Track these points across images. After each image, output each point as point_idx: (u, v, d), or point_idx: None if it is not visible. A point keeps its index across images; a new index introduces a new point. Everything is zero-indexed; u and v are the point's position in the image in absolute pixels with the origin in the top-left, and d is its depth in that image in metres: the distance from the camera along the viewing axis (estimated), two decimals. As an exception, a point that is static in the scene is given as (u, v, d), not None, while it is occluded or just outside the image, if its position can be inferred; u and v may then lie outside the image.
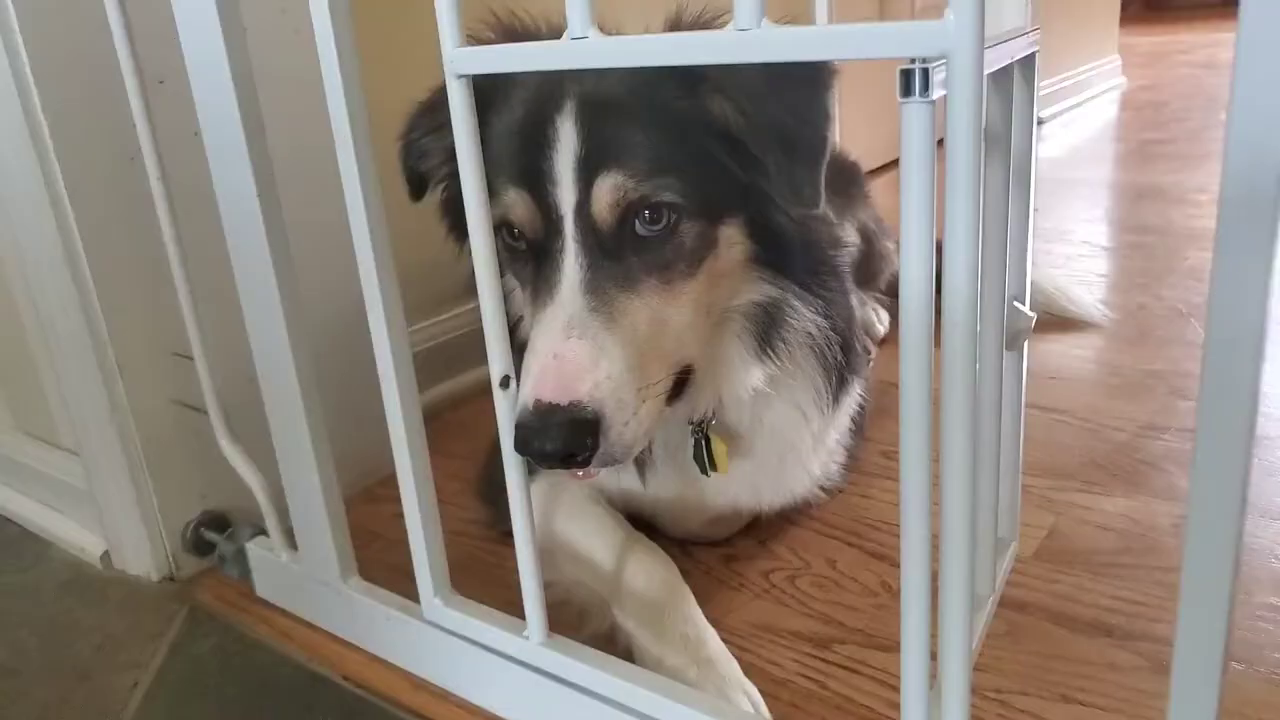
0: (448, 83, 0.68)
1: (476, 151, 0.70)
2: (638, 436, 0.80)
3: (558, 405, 0.76)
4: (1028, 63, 0.76)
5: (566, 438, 0.75)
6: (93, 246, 1.07)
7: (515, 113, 0.86)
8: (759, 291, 0.92)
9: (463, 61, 0.67)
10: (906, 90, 0.52)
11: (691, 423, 0.99)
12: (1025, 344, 0.85)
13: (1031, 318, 0.83)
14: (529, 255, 0.86)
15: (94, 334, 1.09)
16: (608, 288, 0.80)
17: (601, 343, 0.78)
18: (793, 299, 0.94)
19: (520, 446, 0.77)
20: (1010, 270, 0.80)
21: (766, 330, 0.94)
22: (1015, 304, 0.82)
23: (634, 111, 0.82)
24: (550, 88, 0.84)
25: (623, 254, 0.82)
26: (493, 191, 0.83)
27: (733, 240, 0.87)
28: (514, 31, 0.92)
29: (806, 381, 1.03)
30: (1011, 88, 0.73)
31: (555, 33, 0.93)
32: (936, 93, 0.52)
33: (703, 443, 1.00)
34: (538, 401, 0.76)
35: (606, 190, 0.80)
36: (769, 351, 0.95)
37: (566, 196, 0.81)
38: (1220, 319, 0.48)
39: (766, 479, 1.07)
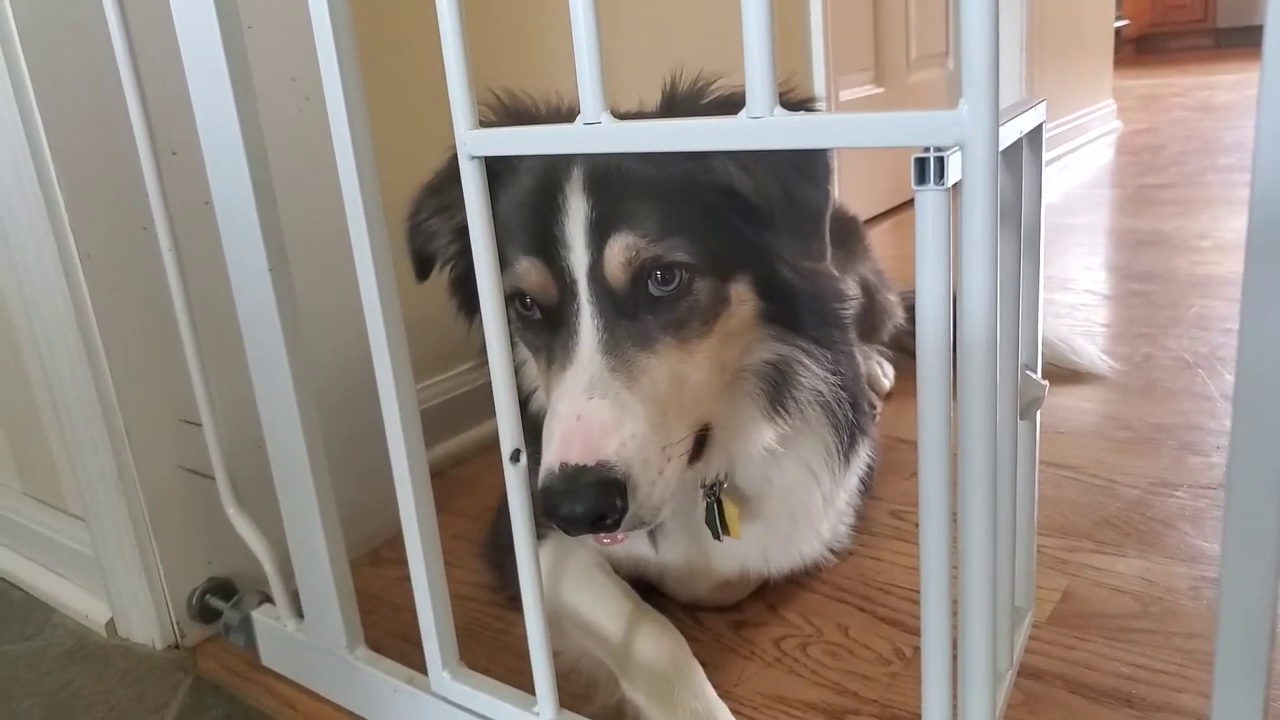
0: (461, 164, 0.69)
1: (490, 231, 0.71)
2: (665, 497, 0.79)
3: (584, 466, 0.75)
4: (1035, 135, 0.76)
5: (596, 499, 0.74)
6: (104, 314, 1.07)
7: (523, 183, 0.87)
8: (770, 350, 0.92)
9: (476, 143, 0.68)
10: (921, 178, 0.52)
11: (703, 485, 0.99)
12: (1038, 412, 0.85)
13: (1044, 386, 0.83)
14: (543, 323, 0.86)
15: (103, 400, 1.09)
16: (626, 347, 0.80)
17: (624, 402, 0.78)
18: (802, 356, 0.94)
19: (548, 511, 0.76)
20: (1022, 339, 0.80)
21: (778, 388, 0.94)
22: (1028, 373, 0.82)
23: (641, 175, 0.83)
24: (557, 157, 0.85)
25: (638, 314, 0.82)
26: (504, 261, 0.84)
27: (743, 297, 0.88)
28: (514, 112, 0.94)
29: (817, 441, 1.03)
30: (1021, 161, 0.74)
31: (554, 112, 0.95)
32: (951, 179, 0.52)
33: (714, 506, 0.99)
34: (563, 464, 0.75)
35: (619, 250, 0.81)
36: (780, 410, 0.95)
37: (579, 260, 0.81)
38: (1249, 365, 0.47)
39: (776, 542, 1.06)
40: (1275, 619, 0.53)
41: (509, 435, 0.76)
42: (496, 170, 0.86)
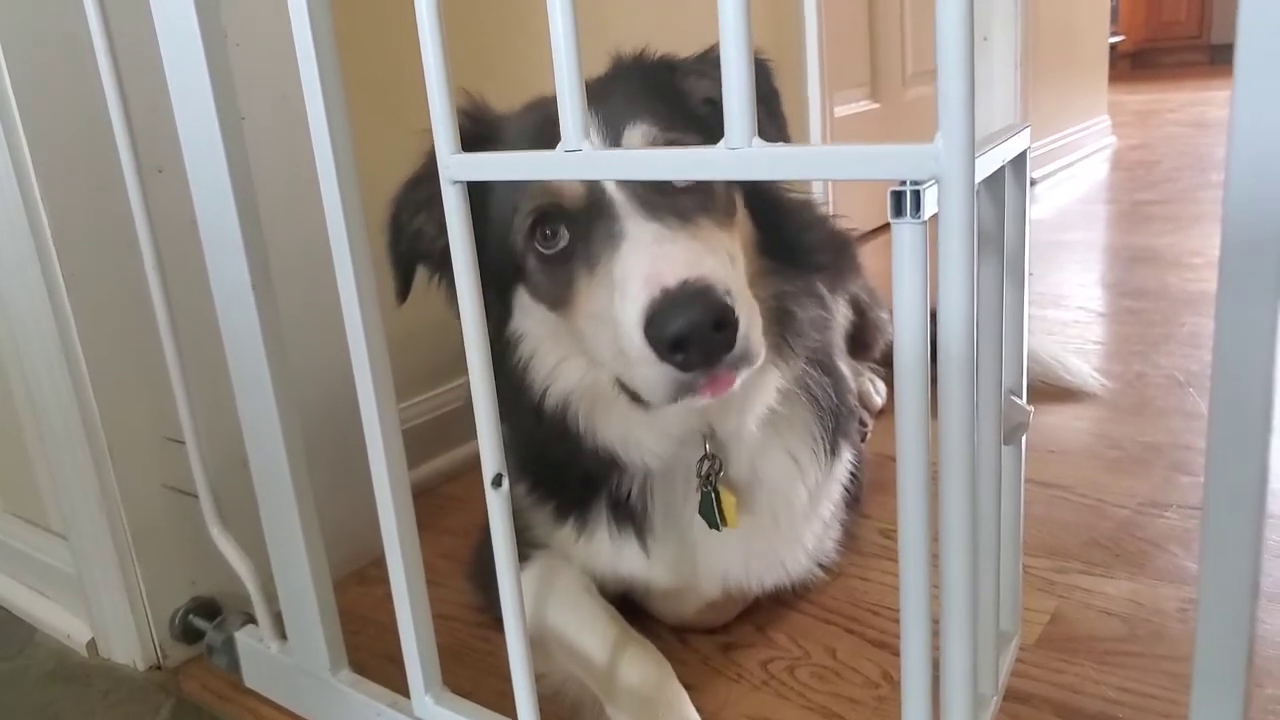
0: (443, 189, 0.69)
1: (473, 255, 0.70)
2: (761, 339, 0.80)
3: (688, 279, 0.73)
4: (1019, 161, 0.76)
5: (712, 301, 0.72)
6: (87, 331, 1.07)
7: (531, 117, 0.94)
8: (770, 286, 0.95)
9: (459, 168, 0.68)
10: (898, 211, 0.52)
11: (699, 476, 0.99)
12: (1024, 437, 0.84)
13: (1029, 411, 0.83)
14: (571, 246, 0.86)
15: (86, 418, 1.09)
16: (669, 219, 0.82)
17: (693, 247, 0.79)
18: (795, 290, 0.98)
19: (660, 335, 0.73)
20: (1006, 365, 0.80)
21: (781, 325, 0.97)
22: (1013, 398, 0.82)
23: (639, 90, 0.92)
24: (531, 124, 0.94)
25: (668, 194, 0.84)
26: (526, 186, 0.88)
27: (744, 214, 0.92)
28: (476, 117, 0.96)
29: (801, 427, 1.04)
30: (1003, 189, 0.73)
31: (518, 115, 0.98)
32: (928, 212, 0.52)
33: (712, 496, 0.99)
34: (664, 289, 0.73)
35: (638, 137, 0.86)
36: (787, 346, 0.97)
37: None
38: (1224, 388, 0.47)
39: (761, 544, 1.05)
40: (1253, 641, 0.53)
41: (490, 459, 0.76)
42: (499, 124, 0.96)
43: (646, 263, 0.77)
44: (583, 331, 0.87)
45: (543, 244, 0.87)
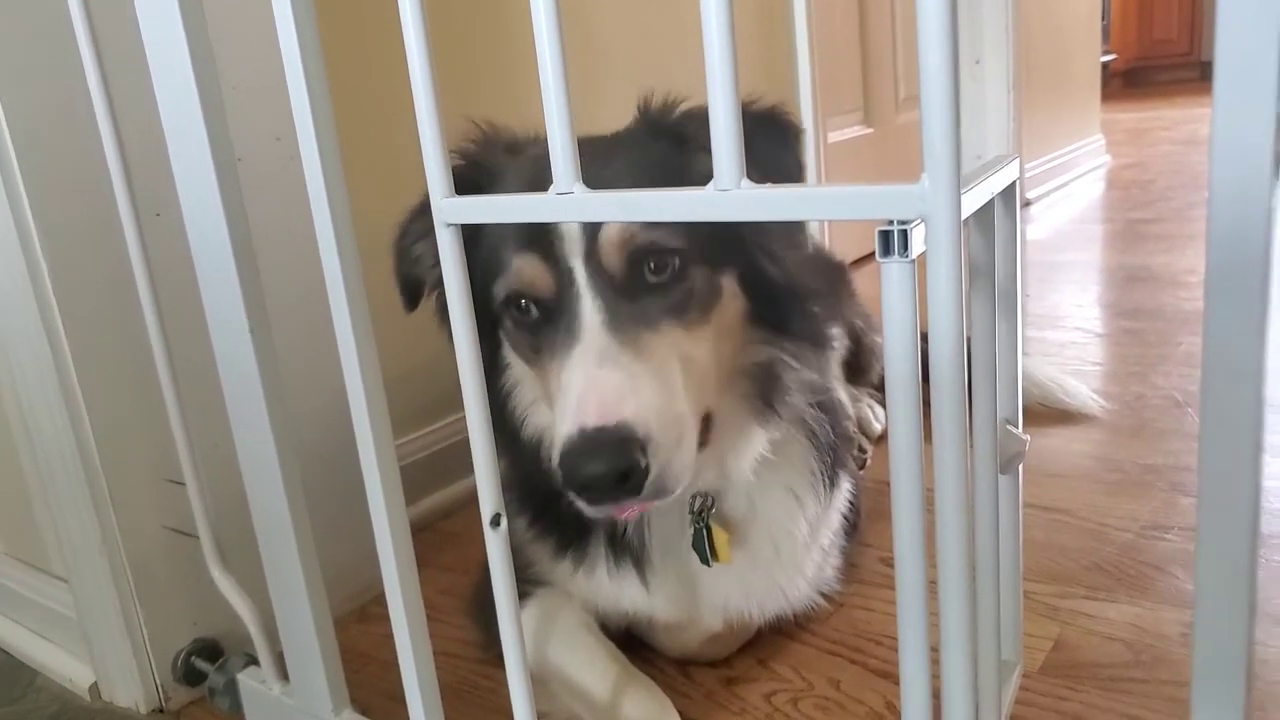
0: (437, 231, 0.69)
1: (468, 296, 0.71)
2: (685, 465, 0.79)
3: (605, 426, 0.74)
4: (1008, 192, 0.77)
5: (618, 455, 0.73)
6: (86, 374, 1.07)
7: (513, 189, 0.91)
8: (760, 353, 0.94)
9: (452, 211, 0.69)
10: (885, 250, 0.52)
11: (691, 512, 0.99)
12: (1020, 466, 0.84)
13: (1025, 440, 0.83)
14: (541, 321, 0.86)
15: (86, 461, 1.09)
16: (628, 326, 0.81)
17: (635, 372, 0.79)
18: (788, 357, 0.96)
19: (569, 476, 0.75)
20: (1002, 394, 0.80)
21: (767, 390, 0.96)
22: (1008, 427, 0.82)
23: (631, 170, 0.88)
24: (545, 160, 0.89)
25: (638, 297, 0.83)
26: (501, 265, 0.87)
27: (734, 293, 0.90)
28: (497, 143, 0.97)
29: (800, 463, 1.04)
30: (993, 220, 0.74)
31: (535, 143, 0.98)
32: (916, 251, 0.52)
33: (704, 531, 0.99)
34: (582, 428, 0.75)
35: (613, 234, 0.83)
36: (772, 410, 0.96)
37: (574, 248, 0.83)
38: (1214, 408, 0.47)
39: (761, 574, 1.05)
40: (1252, 665, 0.52)
41: (488, 499, 0.76)
42: (491, 174, 0.93)
43: (580, 384, 0.78)
44: (552, 395, 0.87)
45: (517, 310, 0.88)
